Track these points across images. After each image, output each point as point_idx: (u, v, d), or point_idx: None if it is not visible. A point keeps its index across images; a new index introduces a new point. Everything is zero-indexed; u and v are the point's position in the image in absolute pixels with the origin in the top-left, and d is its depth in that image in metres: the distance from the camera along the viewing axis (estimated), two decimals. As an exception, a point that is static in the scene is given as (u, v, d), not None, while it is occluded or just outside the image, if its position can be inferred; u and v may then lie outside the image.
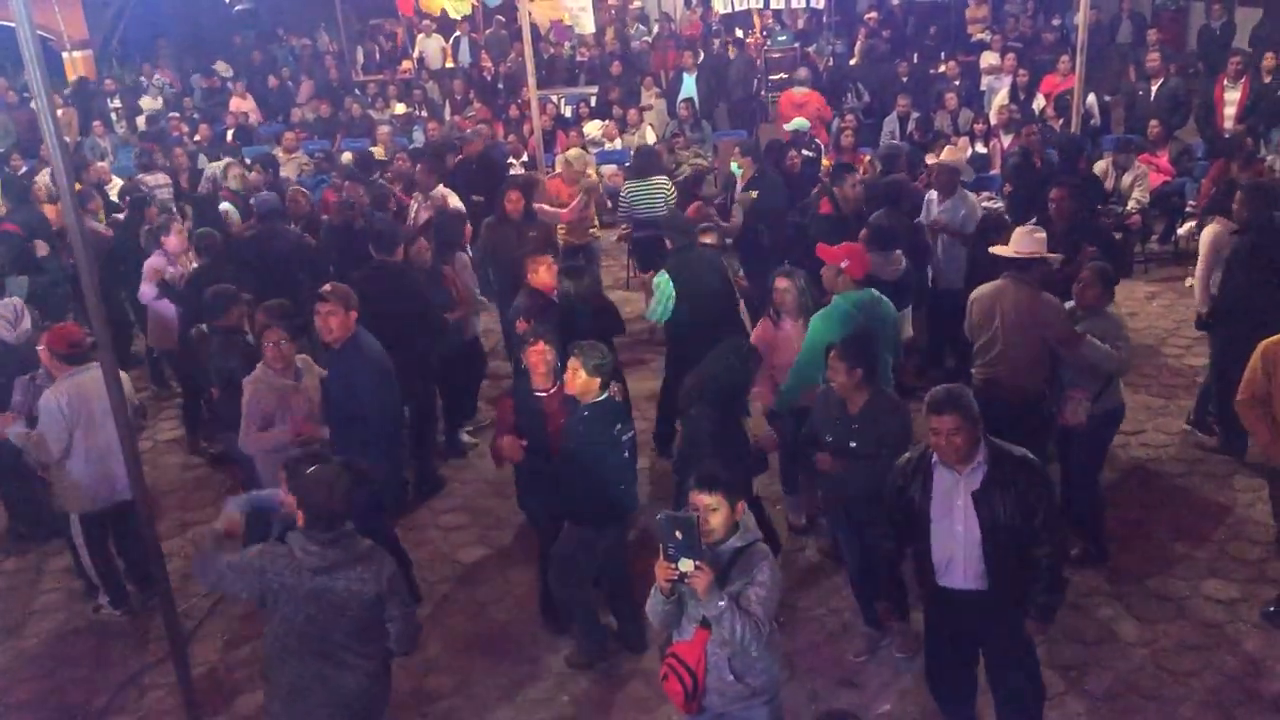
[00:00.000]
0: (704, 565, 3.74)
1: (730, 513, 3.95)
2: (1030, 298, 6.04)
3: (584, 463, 5.26)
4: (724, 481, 3.95)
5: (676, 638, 4.10)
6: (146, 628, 6.34)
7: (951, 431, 4.22)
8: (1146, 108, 12.36)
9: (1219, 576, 6.10)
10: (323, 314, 5.90)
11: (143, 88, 17.88)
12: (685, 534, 3.73)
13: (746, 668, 4.01)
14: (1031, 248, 6.17)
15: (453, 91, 16.43)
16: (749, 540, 3.99)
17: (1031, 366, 6.05)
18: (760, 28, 18.39)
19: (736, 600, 3.84)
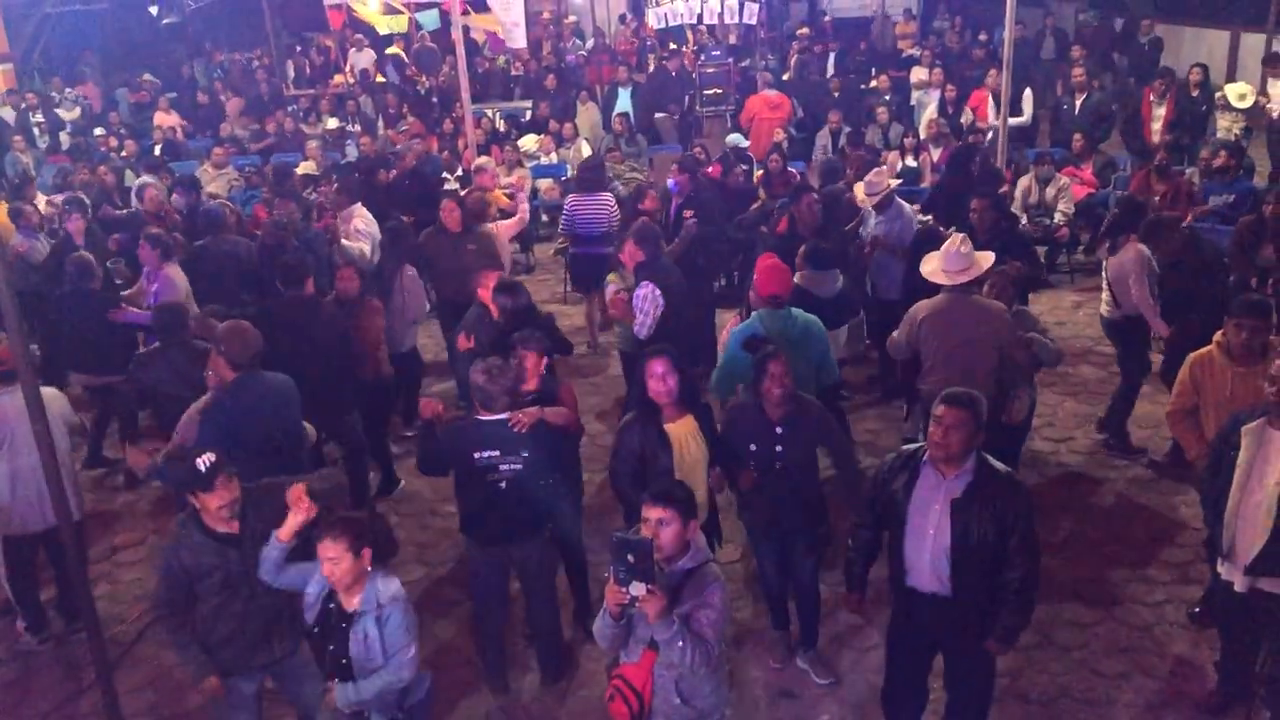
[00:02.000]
0: (656, 589, 3.66)
1: (682, 529, 3.88)
2: (977, 307, 6.16)
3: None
4: (678, 497, 3.91)
5: (624, 659, 4.05)
6: (72, 654, 6.16)
7: (953, 426, 4.21)
8: (1071, 122, 12.66)
9: (1147, 580, 6.23)
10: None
11: (54, 101, 17.48)
12: (638, 557, 3.65)
13: (693, 690, 3.97)
14: (961, 265, 6.21)
15: (386, 106, 16.32)
16: (700, 561, 3.93)
17: (987, 375, 6.07)
18: (694, 43, 18.52)
19: (687, 623, 3.80)
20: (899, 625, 4.75)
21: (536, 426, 5.17)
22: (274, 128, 15.60)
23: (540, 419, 5.20)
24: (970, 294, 6.22)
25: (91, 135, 15.64)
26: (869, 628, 5.80)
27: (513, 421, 5.12)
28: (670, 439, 5.09)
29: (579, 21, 20.21)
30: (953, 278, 6.21)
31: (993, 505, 4.24)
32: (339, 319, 7.14)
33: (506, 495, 5.21)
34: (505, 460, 5.16)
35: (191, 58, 20.07)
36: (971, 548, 4.26)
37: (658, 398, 5.07)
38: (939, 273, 6.30)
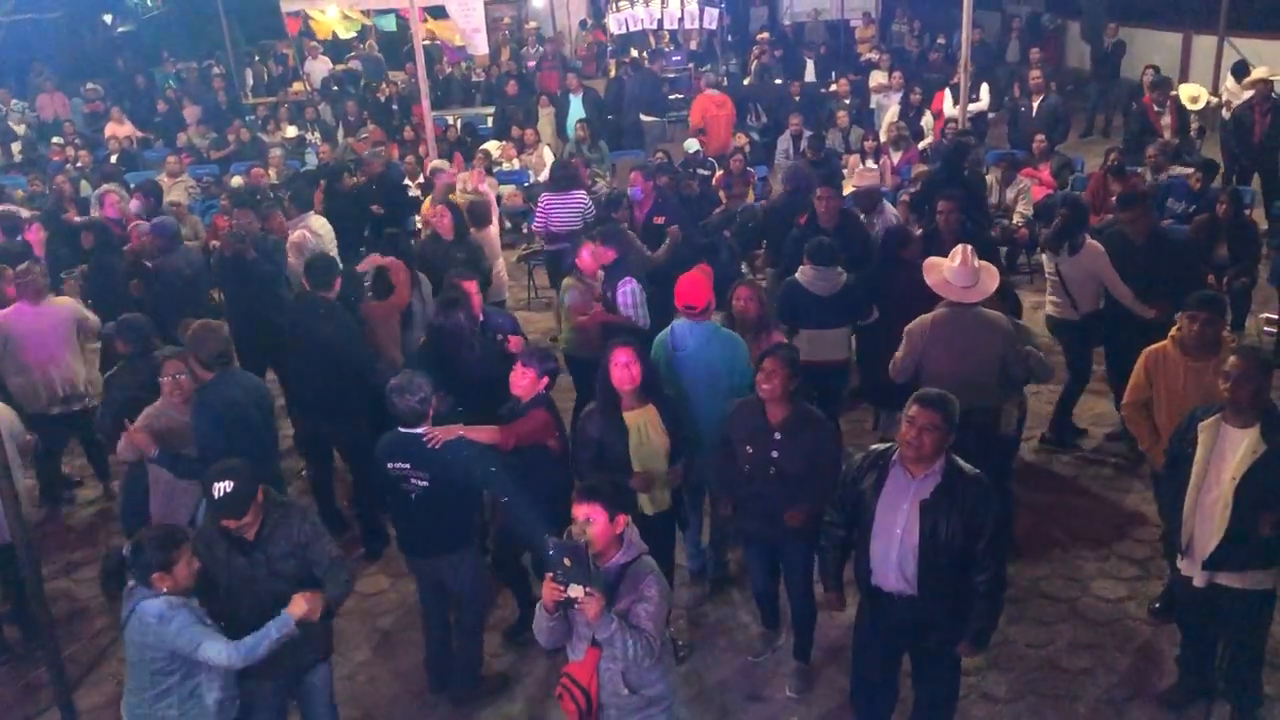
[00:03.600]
0: (594, 591, 3.69)
1: (609, 524, 3.89)
2: (978, 319, 6.04)
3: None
4: (604, 493, 3.93)
5: (571, 657, 4.07)
6: (30, 674, 6.04)
7: (926, 427, 4.22)
8: (1028, 124, 12.80)
9: (1108, 576, 6.30)
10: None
11: (6, 111, 17.25)
12: (575, 560, 3.68)
13: (640, 679, 3.99)
14: (970, 280, 6.07)
15: (345, 113, 16.23)
16: (634, 555, 3.97)
17: (989, 386, 6.05)
18: (653, 48, 18.58)
19: (626, 618, 3.83)
20: (865, 624, 4.77)
21: (454, 444, 5.13)
22: (233, 137, 15.46)
23: (460, 437, 5.16)
24: (972, 305, 6.10)
25: (45, 146, 15.44)
26: (834, 629, 5.80)
27: (427, 436, 5.13)
28: (628, 427, 5.23)
29: (540, 27, 20.19)
30: (961, 295, 6.04)
31: (962, 507, 4.26)
32: (353, 324, 7.06)
33: (417, 508, 5.22)
34: (415, 474, 5.17)
35: (146, 66, 19.82)
36: (939, 549, 4.29)
37: (620, 385, 5.21)
38: (946, 285, 6.10)
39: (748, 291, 6.40)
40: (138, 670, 4.28)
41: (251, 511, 4.38)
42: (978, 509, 4.27)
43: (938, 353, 6.05)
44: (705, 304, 6.08)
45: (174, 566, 4.18)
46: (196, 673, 4.27)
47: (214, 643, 4.17)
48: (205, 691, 4.31)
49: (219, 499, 4.30)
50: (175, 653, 4.18)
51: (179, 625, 4.14)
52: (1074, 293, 7.23)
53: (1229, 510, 4.56)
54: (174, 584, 4.19)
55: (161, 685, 4.25)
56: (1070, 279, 7.21)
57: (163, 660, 4.20)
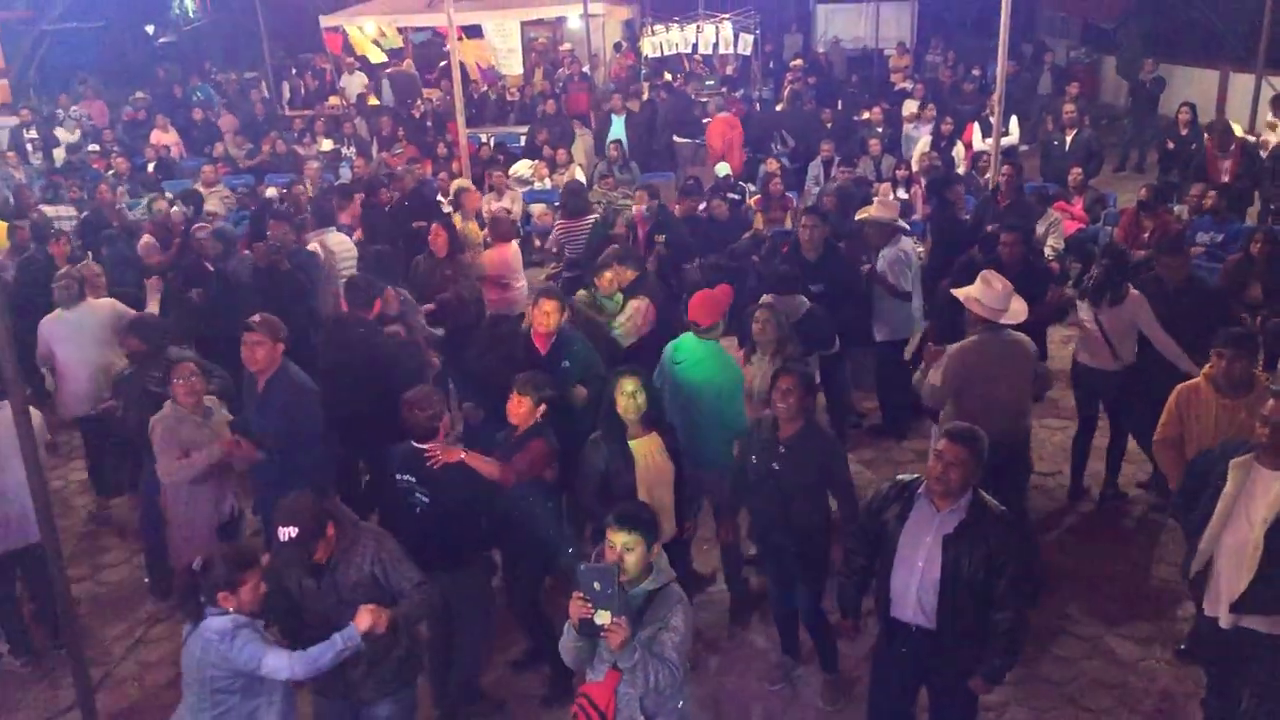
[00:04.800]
0: (621, 621, 3.69)
1: (646, 553, 3.91)
2: (1013, 343, 6.13)
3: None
4: (644, 521, 3.93)
5: (589, 676, 4.06)
6: (53, 674, 6.11)
7: (954, 463, 4.22)
8: (1061, 157, 12.77)
9: (1133, 615, 6.23)
10: (249, 344, 5.85)
11: (58, 119, 17.50)
12: (604, 584, 3.68)
13: (658, 707, 3.98)
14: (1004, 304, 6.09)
15: (380, 129, 16.38)
16: (662, 582, 3.96)
17: (1021, 410, 6.17)
18: (688, 72, 18.67)
19: (650, 646, 3.82)
20: (883, 655, 4.75)
21: (455, 467, 5.13)
22: (267, 147, 15.63)
23: (460, 460, 5.14)
24: (1002, 331, 6.14)
25: (85, 153, 15.66)
26: (853, 659, 5.78)
27: (429, 453, 5.14)
28: (634, 456, 5.28)
29: (574, 49, 20.32)
30: (994, 315, 6.08)
31: (985, 544, 4.24)
32: (392, 344, 7.08)
33: (420, 522, 5.22)
34: (419, 489, 5.21)
35: (186, 77, 20.10)
36: (960, 585, 4.27)
37: (625, 414, 5.26)
38: (977, 303, 6.12)
39: (764, 314, 6.47)
40: (197, 690, 4.19)
41: (321, 547, 4.30)
42: (1002, 546, 4.25)
43: (968, 379, 6.07)
44: (712, 324, 6.22)
45: (241, 587, 4.14)
46: (258, 694, 4.20)
47: (277, 655, 4.12)
48: (264, 713, 4.24)
49: (283, 544, 4.22)
50: (238, 671, 4.12)
51: (242, 641, 4.08)
52: (1115, 343, 7.08)
53: (1259, 553, 4.50)
54: (239, 604, 4.15)
55: (222, 706, 4.17)
56: (1112, 330, 7.05)
57: (224, 679, 4.13)
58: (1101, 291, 7.02)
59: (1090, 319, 7.14)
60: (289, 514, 4.23)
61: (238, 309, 7.84)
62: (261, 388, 5.96)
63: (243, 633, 4.11)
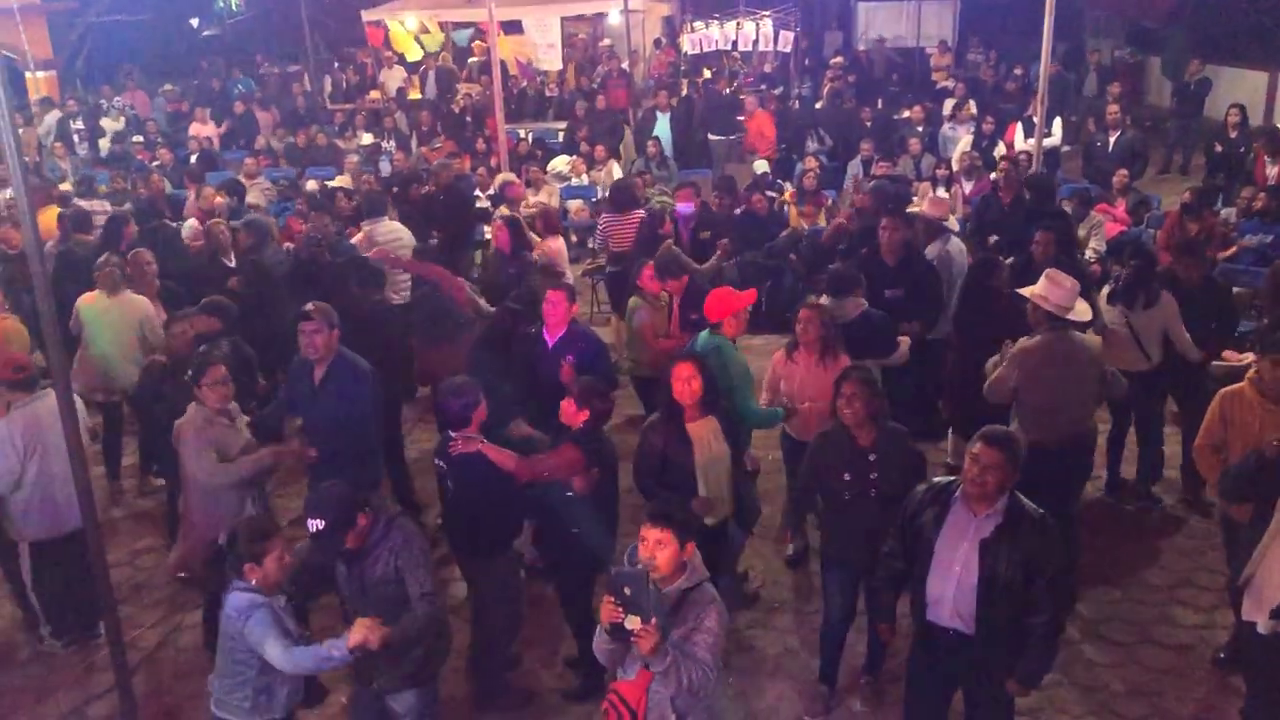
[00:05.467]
0: (652, 626, 3.67)
1: (679, 550, 3.89)
2: (1079, 344, 6.12)
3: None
4: (676, 518, 3.91)
5: (621, 675, 4.05)
6: (93, 658, 6.19)
7: (989, 466, 4.18)
8: (1104, 159, 12.62)
9: (1171, 622, 6.16)
10: (307, 333, 5.93)
11: (103, 110, 17.74)
12: (635, 589, 3.67)
13: (689, 708, 3.95)
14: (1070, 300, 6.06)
15: (419, 123, 16.47)
16: (696, 581, 3.94)
17: (1085, 412, 6.18)
18: (727, 70, 18.62)
19: (683, 646, 3.81)
20: (918, 659, 4.73)
21: (473, 457, 5.18)
22: (303, 140, 15.74)
23: (479, 451, 5.19)
24: (1067, 331, 6.11)
25: (129, 144, 15.87)
26: (890, 660, 5.74)
27: (452, 441, 5.24)
28: (692, 438, 5.35)
29: (613, 45, 20.33)
30: (1061, 311, 6.04)
31: (1022, 547, 4.21)
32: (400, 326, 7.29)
33: (447, 507, 5.52)
34: (447, 475, 5.33)
35: (229, 70, 20.30)
36: (998, 589, 4.23)
37: (681, 399, 5.34)
38: (1045, 300, 6.06)
39: (808, 314, 6.38)
40: (223, 656, 4.37)
41: (352, 536, 4.36)
42: (1039, 550, 4.21)
43: (1035, 378, 6.05)
44: (717, 320, 6.35)
45: (264, 558, 4.25)
46: (272, 669, 4.31)
47: (276, 644, 4.20)
48: (278, 687, 4.39)
49: (312, 535, 4.29)
50: (252, 648, 4.25)
51: (254, 623, 4.19)
52: (1146, 345, 7.04)
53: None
54: (264, 577, 4.26)
55: (240, 675, 4.33)
56: (1144, 332, 7.01)
57: (242, 652, 4.27)
58: (1133, 294, 6.97)
59: (1121, 321, 7.07)
60: (317, 505, 4.31)
61: (276, 301, 7.97)
62: (320, 376, 6.03)
63: (257, 613, 4.22)
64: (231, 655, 4.32)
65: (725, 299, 6.43)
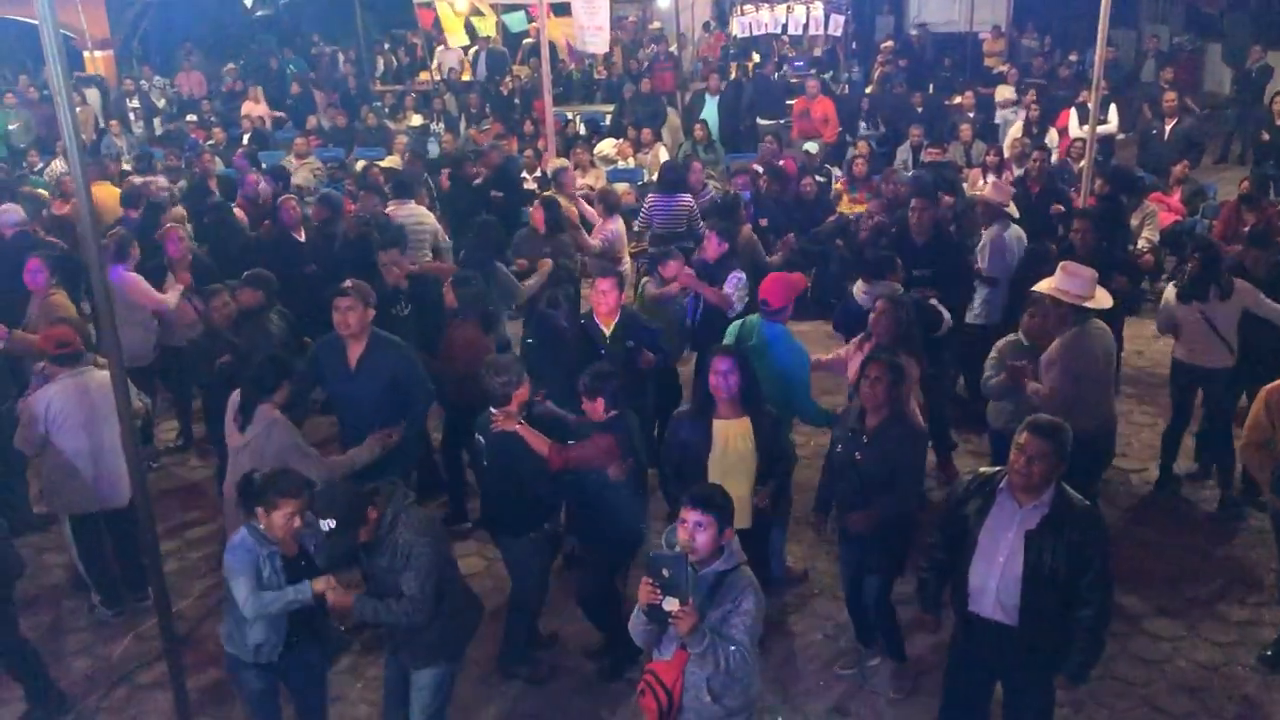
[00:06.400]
0: (689, 608, 3.71)
1: (718, 534, 3.91)
2: (1101, 331, 6.16)
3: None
4: (718, 503, 3.93)
5: (656, 655, 4.08)
6: (140, 626, 6.33)
7: (1036, 456, 4.15)
8: (1160, 147, 12.40)
9: (1217, 618, 6.07)
10: (342, 309, 5.95)
11: (157, 86, 17.97)
12: (673, 572, 3.70)
13: (725, 688, 3.98)
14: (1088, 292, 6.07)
15: (468, 105, 16.52)
16: (733, 564, 3.96)
17: (1107, 398, 6.30)
18: (776, 54, 18.48)
19: (720, 628, 3.83)
20: (958, 650, 4.70)
21: (509, 436, 5.25)
22: (343, 121, 15.81)
23: (515, 432, 5.24)
24: (1091, 320, 6.10)
25: (183, 122, 16.08)
26: (925, 648, 5.72)
27: (493, 418, 5.32)
28: (715, 435, 5.23)
29: (663, 27, 20.26)
30: (1080, 300, 6.01)
31: (1068, 539, 4.16)
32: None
33: (483, 482, 5.68)
34: (484, 450, 5.45)
35: (281, 49, 20.48)
36: (1043, 581, 4.20)
37: (716, 392, 5.23)
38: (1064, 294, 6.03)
39: (885, 305, 6.25)
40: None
41: (364, 531, 4.39)
42: (1085, 542, 4.17)
43: (1085, 373, 6.02)
44: (780, 306, 6.24)
45: (274, 511, 4.40)
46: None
47: (243, 586, 4.39)
48: (248, 629, 4.52)
49: (325, 534, 4.33)
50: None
51: (233, 557, 4.42)
52: (1227, 337, 6.88)
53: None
54: (268, 526, 4.43)
55: (230, 604, 4.54)
56: (1223, 324, 6.86)
57: (229, 583, 4.47)
58: (1204, 287, 6.81)
59: (1195, 317, 6.92)
60: (326, 506, 4.32)
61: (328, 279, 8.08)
62: (357, 358, 6.02)
63: (239, 552, 4.42)
64: (227, 583, 4.50)
65: (787, 284, 6.33)
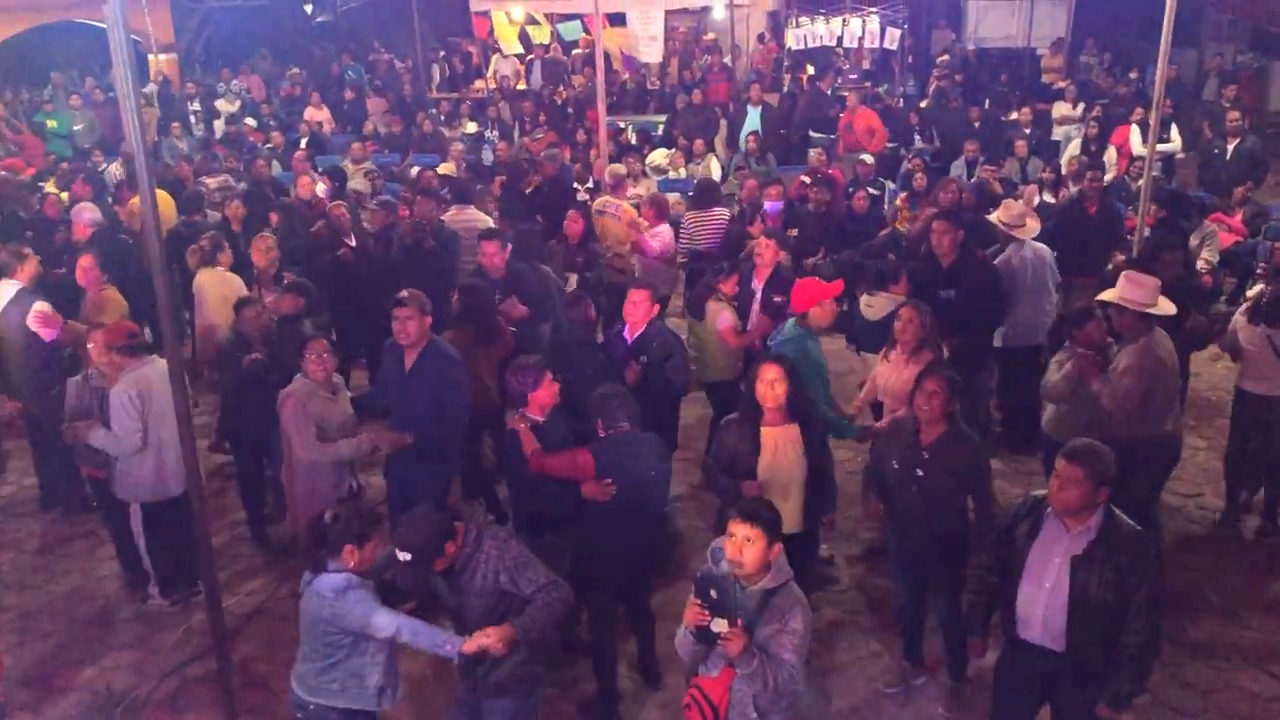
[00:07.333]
0: (738, 630, 3.68)
1: (766, 549, 3.88)
2: (1166, 338, 6.15)
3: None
4: (766, 518, 3.91)
5: (702, 670, 4.06)
6: (190, 621, 6.43)
7: (1070, 482, 4.11)
8: (1222, 166, 12.20)
9: (1273, 650, 5.95)
10: (401, 319, 6.04)
11: (219, 91, 18.27)
12: (720, 592, 3.68)
13: (772, 705, 3.96)
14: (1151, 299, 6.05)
15: (522, 114, 16.62)
16: (781, 581, 3.93)
17: (1173, 409, 6.27)
18: (832, 67, 18.39)
19: (768, 647, 3.80)
20: (1006, 673, 4.66)
21: (512, 434, 5.45)
22: (399, 127, 15.96)
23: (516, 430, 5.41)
24: (1156, 329, 6.09)
25: (242, 125, 16.34)
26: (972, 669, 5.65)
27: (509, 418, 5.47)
28: (764, 441, 5.24)
29: (717, 39, 20.24)
30: (1145, 307, 6.01)
31: (1115, 565, 4.11)
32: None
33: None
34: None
35: (340, 56, 20.74)
36: (1089, 606, 4.15)
37: (763, 400, 5.24)
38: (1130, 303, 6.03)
39: (909, 313, 6.32)
40: (310, 641, 4.40)
41: (439, 561, 4.28)
42: (1133, 567, 4.12)
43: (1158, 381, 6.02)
44: (802, 310, 6.33)
45: (367, 543, 4.33)
46: (364, 651, 4.36)
47: (383, 613, 4.25)
48: (368, 673, 4.40)
49: (402, 565, 4.22)
50: (347, 629, 4.28)
51: (354, 600, 4.25)
52: None
53: None
54: (360, 561, 4.33)
55: (331, 659, 4.36)
56: None
57: (335, 635, 4.31)
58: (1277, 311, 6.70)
59: (1262, 343, 6.79)
60: (405, 539, 4.20)
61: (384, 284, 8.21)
62: (411, 363, 6.13)
63: (353, 592, 4.27)
64: (323, 638, 4.34)
65: (811, 288, 6.38)
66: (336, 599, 4.25)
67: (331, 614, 4.27)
